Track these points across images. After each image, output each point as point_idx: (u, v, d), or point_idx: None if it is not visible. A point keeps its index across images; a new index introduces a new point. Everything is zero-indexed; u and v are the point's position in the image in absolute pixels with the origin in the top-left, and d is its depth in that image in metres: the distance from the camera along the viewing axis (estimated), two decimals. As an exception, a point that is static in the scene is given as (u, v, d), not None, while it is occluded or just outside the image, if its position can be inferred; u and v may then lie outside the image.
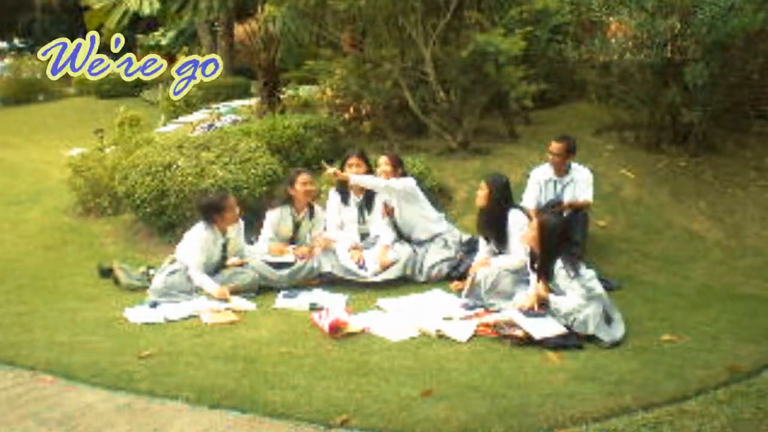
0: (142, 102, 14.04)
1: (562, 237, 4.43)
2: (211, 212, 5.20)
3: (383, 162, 5.64)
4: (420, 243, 5.60)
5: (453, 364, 3.87)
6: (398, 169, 5.63)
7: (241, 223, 5.44)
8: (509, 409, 3.29)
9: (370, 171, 5.66)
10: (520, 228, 4.93)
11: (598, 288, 4.33)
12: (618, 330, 4.22)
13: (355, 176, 5.52)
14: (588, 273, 4.36)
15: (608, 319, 4.26)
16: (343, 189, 5.70)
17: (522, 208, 5.21)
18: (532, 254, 4.57)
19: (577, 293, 4.23)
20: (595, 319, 4.16)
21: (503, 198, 5.07)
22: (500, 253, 5.07)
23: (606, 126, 7.86)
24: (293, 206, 5.61)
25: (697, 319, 4.60)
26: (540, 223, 4.42)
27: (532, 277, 4.56)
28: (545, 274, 4.38)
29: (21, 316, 4.88)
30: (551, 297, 4.32)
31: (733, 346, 4.07)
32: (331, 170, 5.59)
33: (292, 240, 5.65)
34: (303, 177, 5.60)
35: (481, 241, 5.22)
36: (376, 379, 3.67)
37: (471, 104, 7.35)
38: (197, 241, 5.17)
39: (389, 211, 5.63)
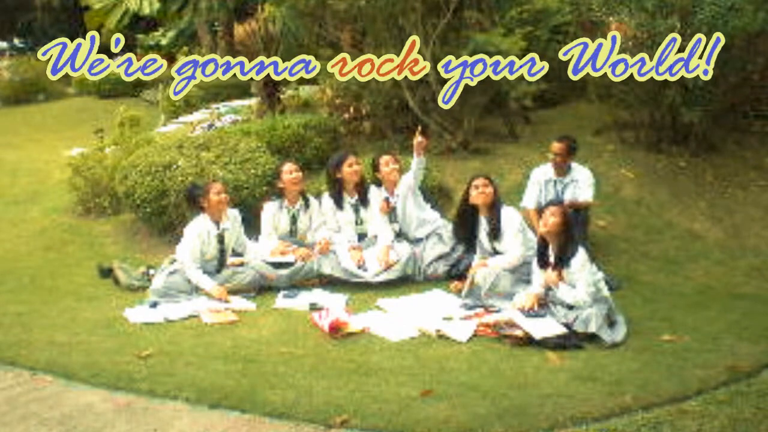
0: (142, 102, 14.02)
1: (582, 224, 4.49)
2: (195, 197, 5.24)
3: (390, 160, 5.66)
4: (417, 241, 5.61)
5: (453, 364, 3.88)
6: None
7: (236, 213, 5.44)
8: (509, 409, 3.30)
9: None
10: (515, 224, 4.97)
11: (605, 290, 4.36)
12: (619, 333, 4.22)
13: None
14: (597, 273, 4.38)
15: (611, 323, 4.26)
16: (338, 193, 5.67)
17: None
18: (542, 246, 4.53)
19: (587, 289, 4.23)
20: (597, 319, 4.16)
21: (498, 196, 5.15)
22: (495, 251, 5.06)
23: (606, 126, 7.85)
24: (286, 198, 5.64)
25: (697, 319, 4.60)
26: (565, 211, 4.44)
27: (537, 271, 4.55)
28: (562, 261, 4.37)
29: (21, 316, 4.88)
30: (561, 285, 4.32)
31: (733, 346, 4.07)
32: (421, 139, 5.49)
33: (292, 233, 5.68)
34: (287, 167, 5.65)
35: (480, 242, 5.21)
36: (376, 379, 3.67)
37: (471, 104, 7.34)
38: (190, 230, 5.19)
39: (389, 208, 5.62)
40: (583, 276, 4.28)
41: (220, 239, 5.27)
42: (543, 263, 4.52)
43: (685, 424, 3.16)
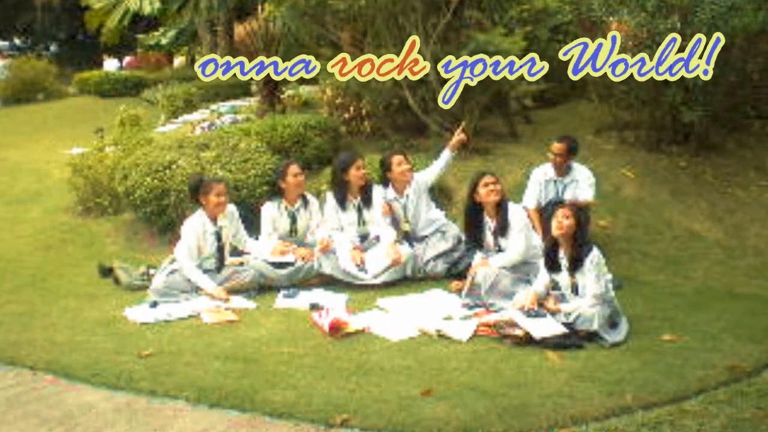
0: (142, 102, 14.04)
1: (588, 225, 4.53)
2: (197, 191, 5.24)
3: (402, 160, 5.68)
4: (420, 239, 5.62)
5: (453, 364, 3.87)
6: None
7: (233, 209, 5.43)
8: (509, 409, 3.30)
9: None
10: (521, 221, 4.97)
11: (611, 292, 4.35)
12: (621, 334, 4.21)
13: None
14: (607, 274, 4.38)
15: (613, 324, 4.26)
16: (342, 194, 5.67)
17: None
18: (551, 248, 4.47)
19: (595, 292, 4.22)
20: (599, 318, 4.15)
21: None
22: (499, 248, 5.06)
23: (606, 126, 7.85)
24: (285, 198, 5.65)
25: (697, 319, 4.60)
26: (576, 211, 4.42)
27: (543, 272, 4.53)
28: (576, 263, 4.35)
29: (21, 315, 4.88)
30: (563, 307, 4.32)
31: (733, 346, 4.07)
32: (462, 136, 5.80)
33: (292, 233, 5.68)
34: (293, 168, 5.63)
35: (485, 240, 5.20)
36: (376, 379, 3.67)
37: (471, 104, 7.34)
38: (187, 228, 5.20)
39: (391, 211, 5.63)
40: (595, 273, 4.24)
41: (218, 236, 5.28)
42: (552, 266, 4.49)
43: (685, 424, 3.16)
